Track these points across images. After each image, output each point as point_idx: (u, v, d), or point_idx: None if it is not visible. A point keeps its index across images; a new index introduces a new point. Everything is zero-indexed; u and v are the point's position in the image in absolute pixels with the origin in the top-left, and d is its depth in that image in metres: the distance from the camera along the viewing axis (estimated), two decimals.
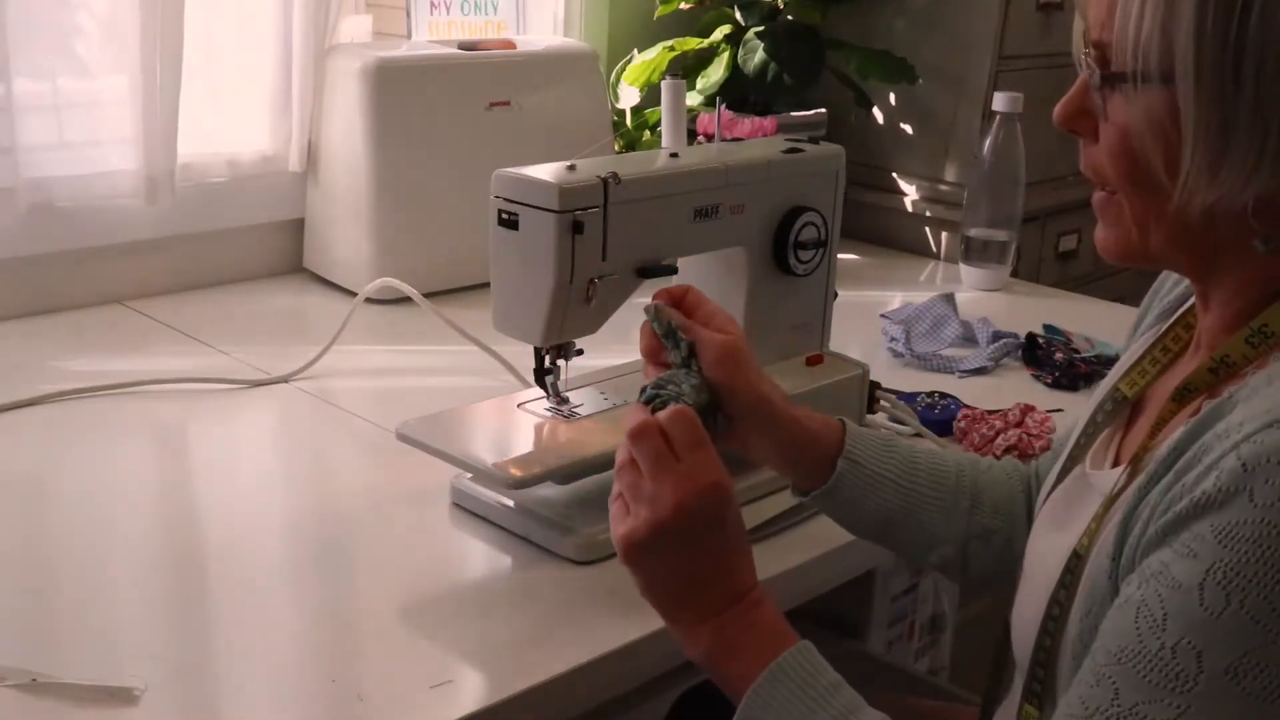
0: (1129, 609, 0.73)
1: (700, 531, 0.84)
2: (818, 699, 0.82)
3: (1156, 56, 0.75)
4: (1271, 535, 0.68)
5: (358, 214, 1.76)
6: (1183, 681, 0.69)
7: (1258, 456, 0.69)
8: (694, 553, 0.85)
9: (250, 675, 0.94)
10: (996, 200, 1.98)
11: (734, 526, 0.86)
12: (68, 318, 1.66)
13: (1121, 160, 0.80)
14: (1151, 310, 0.99)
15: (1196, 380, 0.81)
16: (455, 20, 1.98)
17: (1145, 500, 0.77)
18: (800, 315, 1.31)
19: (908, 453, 1.05)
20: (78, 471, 1.25)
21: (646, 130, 2.06)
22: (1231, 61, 0.73)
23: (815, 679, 0.83)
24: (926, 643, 1.79)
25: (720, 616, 0.85)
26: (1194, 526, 0.71)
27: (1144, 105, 0.77)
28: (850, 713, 0.82)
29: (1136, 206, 0.81)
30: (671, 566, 0.85)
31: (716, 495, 0.84)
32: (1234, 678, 0.68)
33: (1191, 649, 0.69)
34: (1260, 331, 0.79)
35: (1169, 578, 0.71)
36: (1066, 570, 0.83)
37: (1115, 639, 0.73)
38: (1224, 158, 0.74)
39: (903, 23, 2.20)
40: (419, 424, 1.16)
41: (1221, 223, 0.77)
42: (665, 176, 1.16)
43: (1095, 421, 0.93)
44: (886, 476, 1.02)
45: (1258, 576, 0.68)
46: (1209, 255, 0.81)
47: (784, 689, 0.82)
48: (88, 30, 1.63)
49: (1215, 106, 0.74)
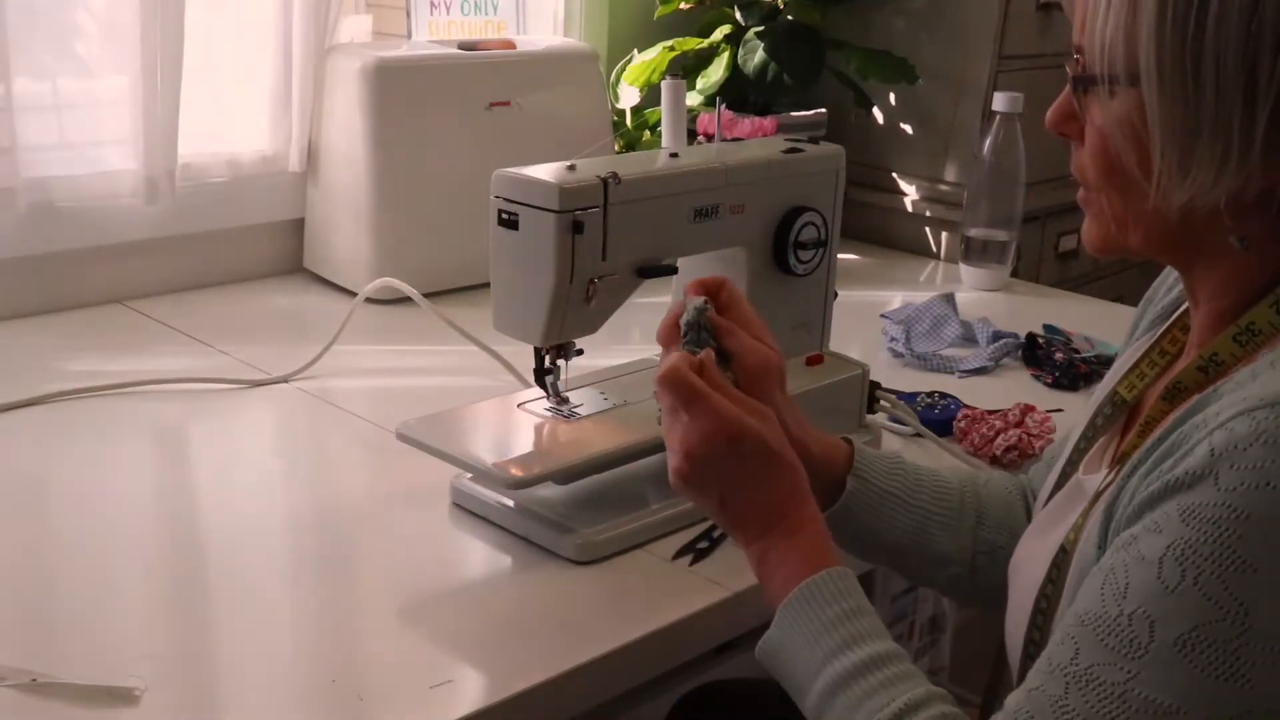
0: (1099, 575, 0.76)
1: (716, 472, 0.90)
2: (833, 622, 0.83)
3: (1122, 59, 0.77)
4: (1231, 518, 0.70)
5: (358, 214, 1.76)
6: (1135, 649, 0.72)
7: (1227, 443, 0.71)
8: (719, 489, 0.91)
9: (250, 675, 0.94)
10: (996, 200, 1.98)
11: (753, 461, 0.90)
12: (68, 318, 1.66)
13: (1099, 161, 0.82)
14: (1146, 315, 0.99)
15: (1186, 379, 0.82)
16: (455, 20, 1.98)
17: (1126, 488, 0.79)
18: (800, 315, 1.31)
19: (912, 471, 1.06)
20: (78, 471, 1.25)
21: (646, 130, 2.06)
22: (1191, 62, 0.74)
23: (836, 602, 0.84)
24: (926, 643, 1.79)
25: (762, 540, 0.90)
26: (1163, 505, 0.73)
27: (1115, 107, 0.79)
28: (864, 638, 0.83)
29: (1116, 205, 0.83)
30: (707, 501, 0.92)
31: (717, 440, 0.89)
32: (1182, 650, 0.70)
33: (1146, 618, 0.72)
34: (1248, 330, 0.80)
35: (1135, 550, 0.74)
36: (1054, 565, 0.85)
37: (1083, 602, 0.76)
38: (1192, 157, 0.76)
39: (903, 23, 2.20)
40: (419, 424, 1.16)
41: (1198, 221, 0.79)
42: (665, 176, 1.16)
43: (1094, 426, 0.94)
44: (893, 493, 1.04)
45: (1213, 556, 0.70)
46: (1190, 253, 0.83)
47: (807, 611, 0.85)
48: (88, 30, 1.63)
49: (1179, 107, 0.75)
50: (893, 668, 0.81)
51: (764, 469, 0.90)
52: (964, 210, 2.03)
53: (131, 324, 1.67)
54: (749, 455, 0.89)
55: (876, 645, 0.82)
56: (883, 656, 0.82)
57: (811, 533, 0.89)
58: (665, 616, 1.02)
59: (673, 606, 1.03)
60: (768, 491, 0.90)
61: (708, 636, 1.07)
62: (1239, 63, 0.73)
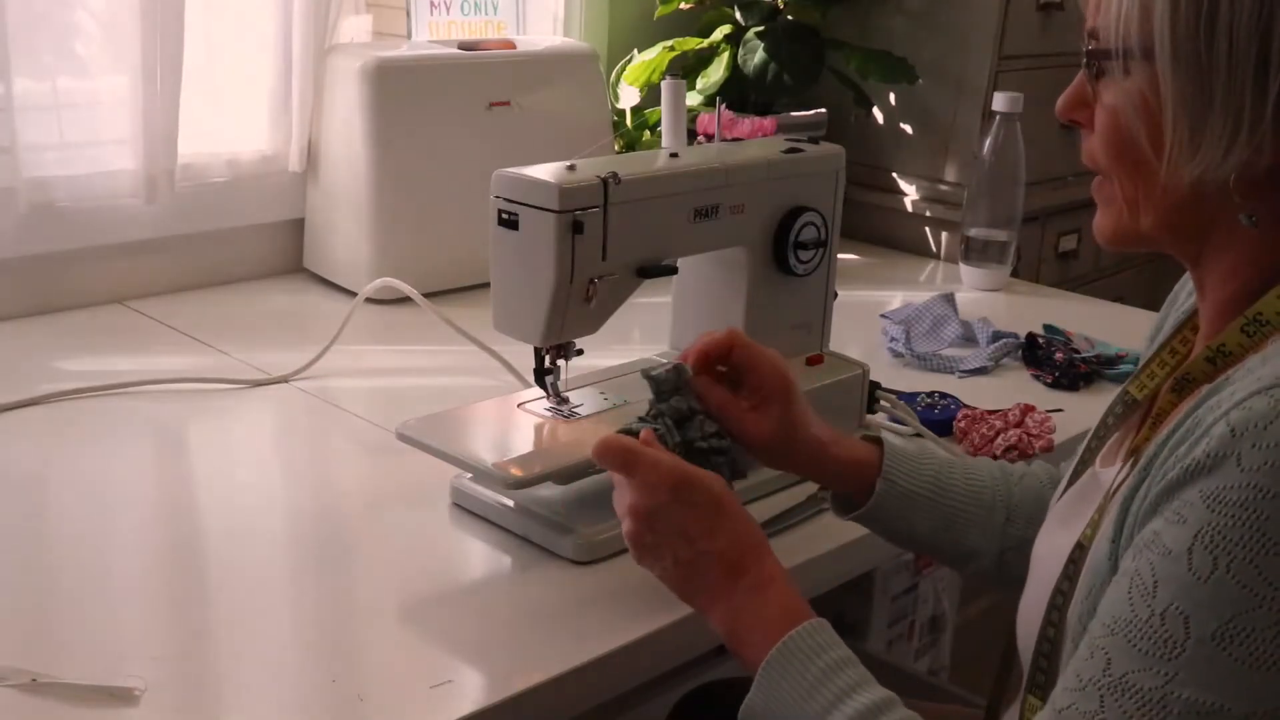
0: (1123, 580, 0.74)
1: (665, 526, 0.90)
2: (822, 676, 0.83)
3: (1137, 33, 0.78)
4: (1258, 500, 0.69)
5: (358, 214, 1.76)
6: (1170, 648, 0.70)
7: (1245, 422, 0.70)
8: (672, 548, 0.90)
9: (250, 675, 0.94)
10: (996, 200, 1.98)
11: (703, 509, 0.89)
12: (68, 318, 1.66)
13: (1112, 141, 0.82)
14: (1169, 319, 0.99)
15: (1195, 370, 0.82)
16: (455, 20, 1.98)
17: (1144, 481, 0.78)
18: (800, 315, 1.31)
19: (945, 470, 1.07)
20: (78, 471, 1.25)
21: (646, 130, 2.06)
22: (1205, 32, 0.75)
23: (820, 655, 0.84)
24: (926, 643, 1.80)
25: (727, 602, 0.88)
26: (1184, 493, 0.72)
27: (1129, 84, 0.80)
28: (857, 687, 0.82)
29: (1127, 187, 0.83)
30: (663, 564, 0.91)
31: (660, 490, 0.89)
32: (1220, 643, 0.69)
33: (1179, 614, 0.70)
34: (1255, 320, 0.80)
35: (1160, 545, 0.72)
36: (1070, 561, 0.84)
37: (1109, 610, 0.74)
38: (1204, 129, 0.77)
39: (902, 23, 2.20)
40: (419, 424, 1.16)
41: (1208, 198, 0.79)
42: (665, 176, 1.16)
43: (1106, 424, 0.94)
44: (922, 494, 1.05)
45: (1244, 541, 0.69)
46: (1199, 235, 0.83)
47: (792, 668, 0.84)
48: (88, 30, 1.62)
49: (1192, 79, 0.76)
50: (895, 713, 0.81)
51: (715, 517, 0.89)
52: (964, 210, 2.03)
53: (131, 324, 1.67)
54: (698, 504, 0.89)
55: (872, 693, 0.82)
56: (882, 704, 0.81)
57: (778, 589, 0.88)
58: (665, 616, 1.01)
59: (673, 606, 1.02)
60: (723, 543, 0.89)
61: (708, 636, 1.06)
62: (1251, 33, 0.74)
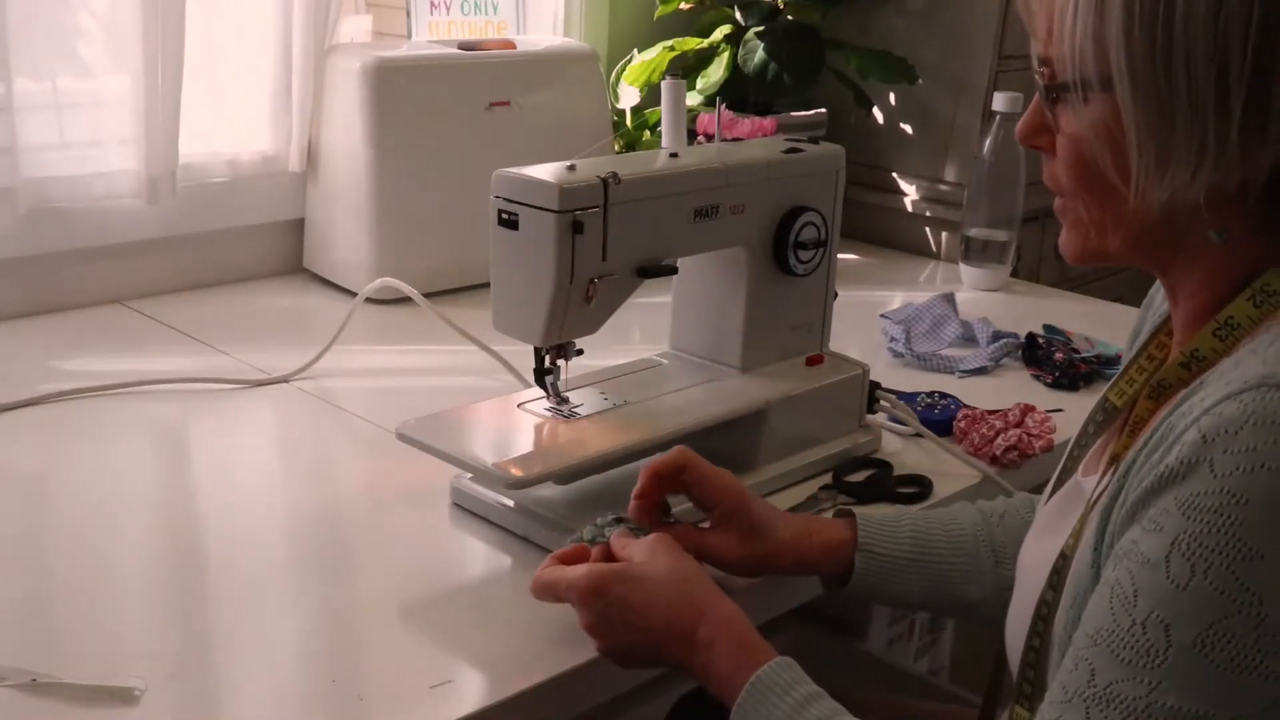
0: (1104, 590, 0.75)
1: (612, 628, 0.93)
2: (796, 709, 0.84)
3: (1093, 63, 0.77)
4: (1232, 505, 0.69)
5: (358, 214, 1.77)
6: (1153, 657, 0.70)
7: (1216, 428, 0.70)
8: (629, 642, 0.93)
9: (250, 675, 0.94)
10: (996, 200, 1.98)
11: (628, 598, 0.92)
12: (68, 318, 1.66)
13: (1075, 168, 0.81)
14: (1148, 321, 0.99)
15: (1170, 376, 0.82)
16: (455, 20, 1.98)
17: (1123, 490, 0.78)
18: (800, 315, 1.31)
19: (922, 528, 1.07)
20: (78, 471, 1.25)
21: (646, 130, 2.06)
22: (1162, 59, 0.74)
23: (789, 692, 0.85)
24: (926, 643, 1.80)
25: (693, 658, 0.91)
26: (1159, 501, 0.72)
27: (1089, 113, 0.78)
28: (834, 716, 0.83)
29: (1094, 211, 0.83)
30: (634, 657, 0.95)
31: (589, 600, 0.93)
32: (1202, 650, 0.69)
33: (1160, 623, 0.70)
34: (1227, 324, 0.80)
35: (1138, 554, 0.72)
36: (1054, 571, 0.84)
37: (1092, 620, 0.75)
38: (1169, 155, 0.76)
39: (903, 23, 2.20)
40: (419, 424, 1.16)
41: (1178, 218, 0.79)
42: (665, 176, 1.16)
43: (1087, 432, 0.94)
44: (904, 558, 1.05)
45: (1220, 547, 0.69)
46: (1169, 252, 0.83)
47: (765, 705, 0.85)
48: (89, 30, 1.62)
49: (1153, 106, 0.75)
50: None
51: (641, 598, 0.92)
52: (964, 210, 2.03)
53: (131, 324, 1.67)
54: (620, 596, 0.92)
55: None
56: None
57: (727, 637, 0.90)
58: None
59: None
60: (659, 618, 0.92)
61: None
62: (1209, 56, 0.73)
